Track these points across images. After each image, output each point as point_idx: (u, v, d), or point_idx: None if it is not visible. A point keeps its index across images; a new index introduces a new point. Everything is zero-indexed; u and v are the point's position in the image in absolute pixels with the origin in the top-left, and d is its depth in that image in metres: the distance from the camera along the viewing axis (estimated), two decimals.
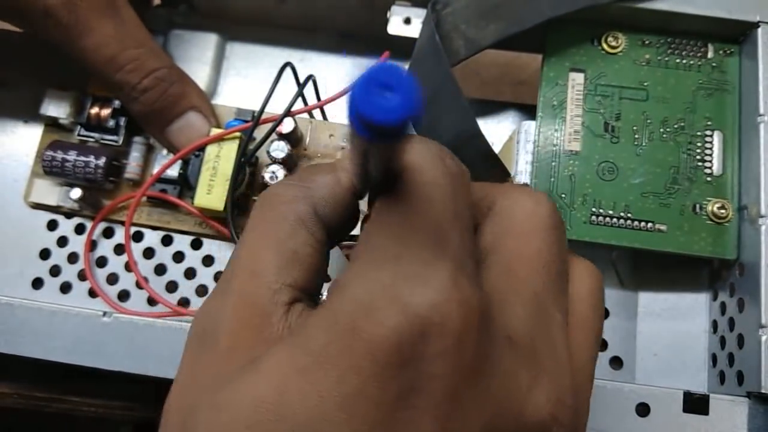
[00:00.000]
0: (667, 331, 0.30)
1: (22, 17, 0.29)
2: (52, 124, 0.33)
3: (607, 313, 0.31)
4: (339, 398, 0.12)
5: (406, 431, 0.12)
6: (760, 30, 0.29)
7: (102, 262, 0.32)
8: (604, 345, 0.30)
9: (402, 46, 0.31)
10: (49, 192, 0.32)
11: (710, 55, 0.30)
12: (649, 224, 0.28)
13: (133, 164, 0.32)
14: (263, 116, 0.30)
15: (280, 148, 0.31)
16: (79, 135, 0.32)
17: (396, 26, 0.31)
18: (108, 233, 0.32)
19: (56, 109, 0.32)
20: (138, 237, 0.32)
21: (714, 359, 0.29)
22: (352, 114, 0.10)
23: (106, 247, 0.32)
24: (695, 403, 0.26)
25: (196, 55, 0.34)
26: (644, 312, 0.31)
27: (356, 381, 0.12)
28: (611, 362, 0.30)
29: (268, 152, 0.30)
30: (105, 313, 0.26)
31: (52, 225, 0.32)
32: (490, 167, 0.30)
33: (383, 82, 0.10)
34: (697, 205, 0.28)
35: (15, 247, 0.32)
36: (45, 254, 0.32)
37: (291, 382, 0.13)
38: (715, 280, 0.30)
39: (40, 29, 0.29)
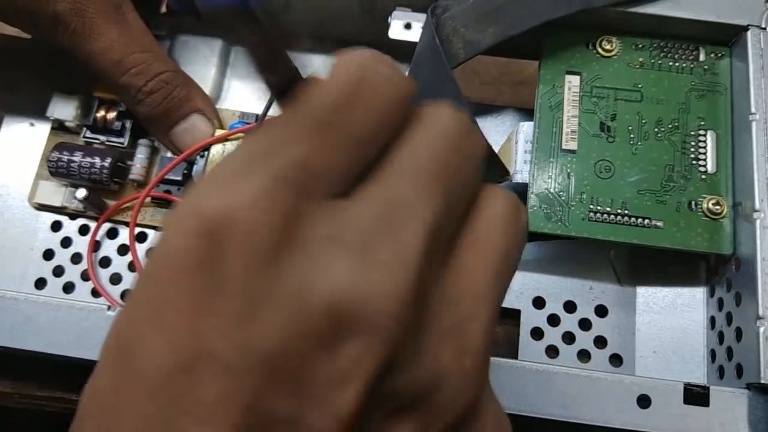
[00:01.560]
0: (666, 328, 0.31)
1: (32, 23, 0.30)
2: (58, 127, 0.33)
3: (606, 311, 0.31)
4: (144, 311, 0.13)
5: (211, 333, 0.12)
6: (749, 33, 0.30)
7: (105, 262, 0.32)
8: (603, 342, 0.31)
9: (403, 51, 0.32)
10: (53, 193, 0.32)
11: (702, 58, 0.31)
12: (646, 221, 0.29)
13: (137, 166, 0.32)
14: (267, 119, 0.31)
15: None
16: (84, 137, 0.33)
17: (397, 31, 0.32)
18: (112, 234, 0.33)
19: (63, 111, 0.32)
20: (142, 238, 0.32)
21: (713, 354, 0.29)
22: None
23: (109, 248, 0.32)
24: (696, 395, 0.26)
25: (201, 60, 0.34)
26: (643, 310, 0.31)
27: (156, 290, 0.13)
28: (611, 359, 0.31)
29: None
30: (109, 307, 0.26)
31: (56, 226, 0.33)
32: (490, 166, 0.30)
33: None
34: (693, 202, 0.29)
35: (18, 248, 0.32)
36: (48, 255, 0.32)
37: (124, 308, 0.13)
38: (712, 276, 0.31)
39: (49, 34, 0.30)
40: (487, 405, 0.15)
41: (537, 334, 0.31)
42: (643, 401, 0.26)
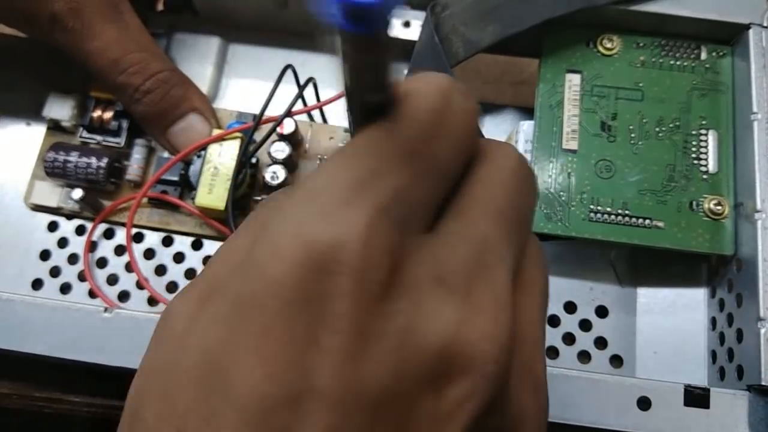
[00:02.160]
0: (667, 329, 0.31)
1: (30, 23, 0.30)
2: (54, 127, 0.33)
3: (606, 312, 0.31)
4: (247, 339, 0.12)
5: (318, 370, 0.12)
6: (751, 32, 0.29)
7: (102, 263, 0.32)
8: (603, 343, 0.31)
9: (402, 49, 0.31)
10: (49, 194, 0.32)
11: (703, 56, 0.31)
12: (647, 221, 0.29)
13: (134, 166, 0.32)
14: (264, 117, 0.31)
15: (281, 149, 0.31)
16: (81, 137, 0.32)
17: (396, 29, 0.31)
18: (108, 234, 0.32)
19: (59, 111, 0.32)
20: (138, 238, 0.32)
21: (713, 356, 0.29)
22: (334, 6, 0.11)
23: (106, 248, 0.32)
24: (696, 397, 0.26)
25: (198, 59, 0.34)
26: (643, 310, 0.31)
27: (257, 317, 0.12)
28: (611, 360, 0.30)
29: (269, 153, 0.31)
30: (106, 309, 0.26)
31: (52, 226, 0.33)
32: None
33: None
34: (694, 202, 0.29)
35: (14, 249, 0.32)
36: (45, 255, 0.32)
37: (200, 324, 0.13)
38: (713, 277, 0.30)
39: (47, 34, 0.29)
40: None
41: None
42: (644, 403, 0.26)
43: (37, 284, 0.31)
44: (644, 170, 0.29)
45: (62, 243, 0.32)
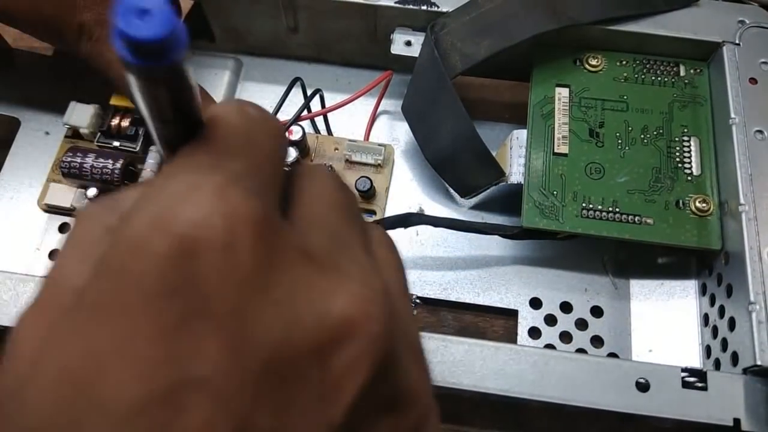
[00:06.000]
0: (661, 328, 0.31)
1: (59, 34, 0.32)
2: (72, 135, 0.35)
3: (601, 312, 0.32)
4: (112, 343, 0.11)
5: (194, 359, 0.11)
6: (724, 49, 0.32)
7: None
8: (600, 341, 0.31)
9: (404, 64, 0.34)
10: (63, 195, 0.33)
11: (682, 73, 0.33)
12: (637, 218, 0.30)
13: (148, 170, 0.34)
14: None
15: (288, 154, 0.33)
16: (98, 143, 0.34)
17: (398, 47, 0.34)
18: None
19: (78, 118, 0.34)
20: None
21: (708, 350, 0.30)
22: (119, 42, 0.11)
23: None
24: (693, 379, 0.26)
25: (212, 77, 0.36)
26: (637, 309, 0.32)
27: (126, 321, 0.11)
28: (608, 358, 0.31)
29: None
30: None
31: (63, 228, 0.34)
32: (488, 167, 0.32)
33: (139, 7, 0.11)
34: (680, 201, 0.30)
35: (25, 248, 0.33)
36: (54, 255, 0.33)
37: (54, 342, 0.12)
38: (702, 273, 0.31)
39: (74, 44, 0.32)
40: (434, 409, 0.16)
41: (535, 333, 0.31)
42: (642, 385, 0.26)
43: None
44: (632, 172, 0.31)
45: None
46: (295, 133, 0.33)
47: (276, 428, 0.12)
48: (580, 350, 0.31)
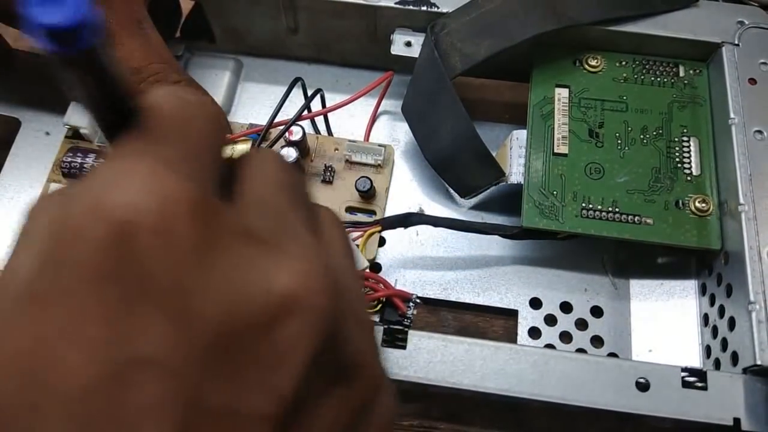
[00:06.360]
0: (661, 328, 0.31)
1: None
2: (72, 135, 0.35)
3: (601, 312, 0.32)
4: (59, 328, 0.12)
5: (139, 338, 0.11)
6: (724, 49, 0.32)
7: None
8: (600, 341, 0.31)
9: (404, 65, 0.34)
10: None
11: (681, 73, 0.33)
12: (636, 218, 0.30)
13: None
14: (276, 121, 0.33)
15: (288, 154, 0.33)
16: (98, 142, 0.34)
17: (398, 48, 0.34)
18: None
19: (79, 119, 0.34)
20: None
21: (708, 350, 0.30)
22: (34, 29, 0.11)
23: None
24: (693, 379, 0.26)
25: (213, 78, 0.36)
26: (637, 310, 0.32)
27: (72, 305, 0.12)
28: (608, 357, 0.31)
29: None
30: None
31: None
32: (488, 167, 0.32)
33: None
34: (680, 201, 0.30)
35: None
36: None
37: (4, 330, 0.12)
38: (703, 275, 0.31)
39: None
40: (385, 379, 0.16)
41: (535, 333, 0.31)
42: (642, 385, 0.26)
43: None
44: (631, 172, 0.31)
45: None
46: (295, 134, 0.33)
47: (226, 401, 0.12)
48: (580, 350, 0.31)
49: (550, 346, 0.31)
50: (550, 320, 0.32)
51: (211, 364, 0.12)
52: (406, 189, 0.35)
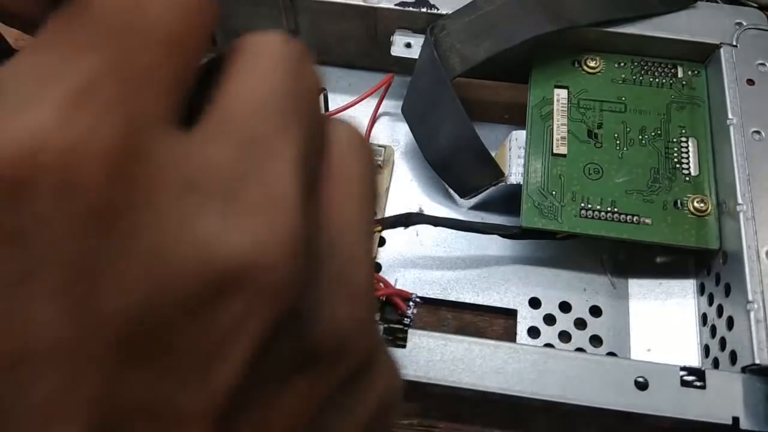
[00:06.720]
0: (659, 327, 0.31)
1: None
2: None
3: (600, 311, 0.32)
4: None
5: (34, 326, 0.09)
6: (722, 50, 0.32)
7: None
8: (599, 341, 0.31)
9: (404, 66, 0.34)
10: None
11: (680, 74, 0.34)
12: (635, 218, 0.30)
13: None
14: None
15: None
16: None
17: (398, 49, 0.34)
18: None
19: None
20: None
21: (707, 350, 0.30)
22: None
23: None
24: (692, 378, 0.26)
25: None
26: (635, 309, 0.32)
27: None
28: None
29: None
30: None
31: None
32: (488, 167, 0.32)
33: None
34: (679, 201, 0.30)
35: None
36: None
37: None
38: (702, 275, 0.32)
39: None
40: (379, 356, 0.14)
41: (534, 332, 0.32)
42: (641, 384, 0.26)
43: None
44: (630, 172, 0.31)
45: None
46: None
47: (150, 400, 0.10)
48: (579, 349, 0.31)
49: (549, 345, 0.31)
50: (550, 320, 0.32)
51: (127, 358, 0.10)
52: (406, 189, 0.35)
